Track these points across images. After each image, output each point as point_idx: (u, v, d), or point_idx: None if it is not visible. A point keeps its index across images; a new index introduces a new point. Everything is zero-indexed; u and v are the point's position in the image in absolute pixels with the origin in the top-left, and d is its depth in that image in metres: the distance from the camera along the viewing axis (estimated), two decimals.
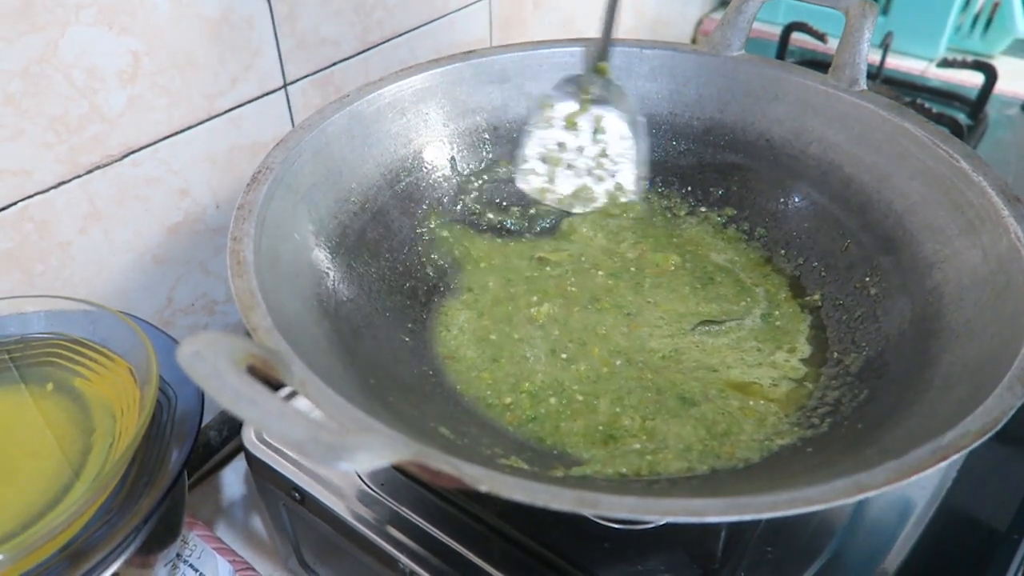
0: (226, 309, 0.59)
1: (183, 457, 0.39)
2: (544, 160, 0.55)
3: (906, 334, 0.41)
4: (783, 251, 0.52)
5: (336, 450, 0.22)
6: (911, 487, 0.47)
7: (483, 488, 0.25)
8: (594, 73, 0.54)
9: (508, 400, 0.43)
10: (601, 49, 0.54)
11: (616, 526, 0.42)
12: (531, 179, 0.55)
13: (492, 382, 0.44)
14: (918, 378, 0.36)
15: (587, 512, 0.25)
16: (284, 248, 0.40)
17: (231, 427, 0.60)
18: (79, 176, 0.46)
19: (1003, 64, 0.97)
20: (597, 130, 0.54)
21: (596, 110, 0.54)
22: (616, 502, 0.25)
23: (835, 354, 0.44)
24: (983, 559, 0.45)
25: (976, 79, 0.88)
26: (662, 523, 0.42)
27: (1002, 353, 0.32)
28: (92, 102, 0.45)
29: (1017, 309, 0.35)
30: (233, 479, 0.60)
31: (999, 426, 0.28)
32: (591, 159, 0.54)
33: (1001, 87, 0.87)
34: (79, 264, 0.48)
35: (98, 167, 0.46)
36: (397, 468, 0.26)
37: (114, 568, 0.36)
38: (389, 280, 0.48)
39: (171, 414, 0.41)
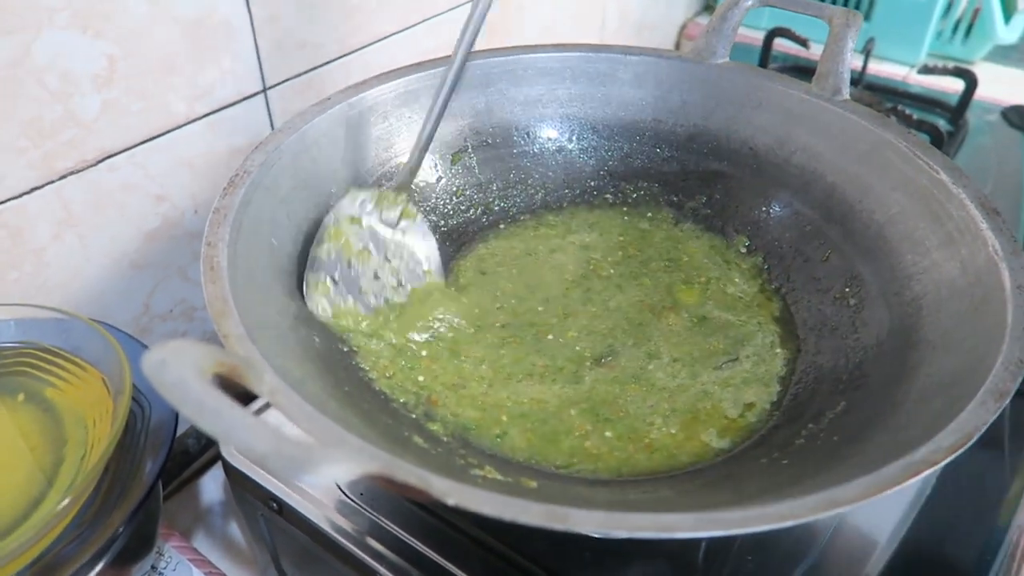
0: (205, 316, 0.58)
1: (157, 467, 0.39)
2: (333, 280, 0.44)
3: (884, 345, 0.41)
4: (765, 262, 0.52)
5: (300, 463, 0.22)
6: (891, 495, 0.47)
7: (451, 501, 0.25)
8: (394, 196, 0.48)
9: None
10: (406, 176, 0.48)
11: (596, 535, 0.42)
12: (322, 303, 0.43)
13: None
14: (895, 390, 0.36)
15: (556, 527, 0.25)
16: (260, 253, 0.40)
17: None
18: (53, 182, 0.45)
19: (983, 70, 0.98)
20: (388, 256, 0.47)
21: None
22: (585, 517, 0.25)
23: (811, 364, 0.44)
24: (963, 566, 0.45)
25: (956, 85, 0.89)
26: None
27: (977, 367, 0.32)
28: (66, 106, 0.44)
29: (993, 323, 0.35)
30: (212, 487, 0.60)
31: (972, 442, 0.28)
32: (386, 285, 0.47)
33: (981, 93, 0.88)
34: (54, 271, 0.47)
35: (73, 172, 0.46)
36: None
37: None
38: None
39: (145, 423, 0.40)
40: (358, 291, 0.45)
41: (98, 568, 0.36)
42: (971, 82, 0.86)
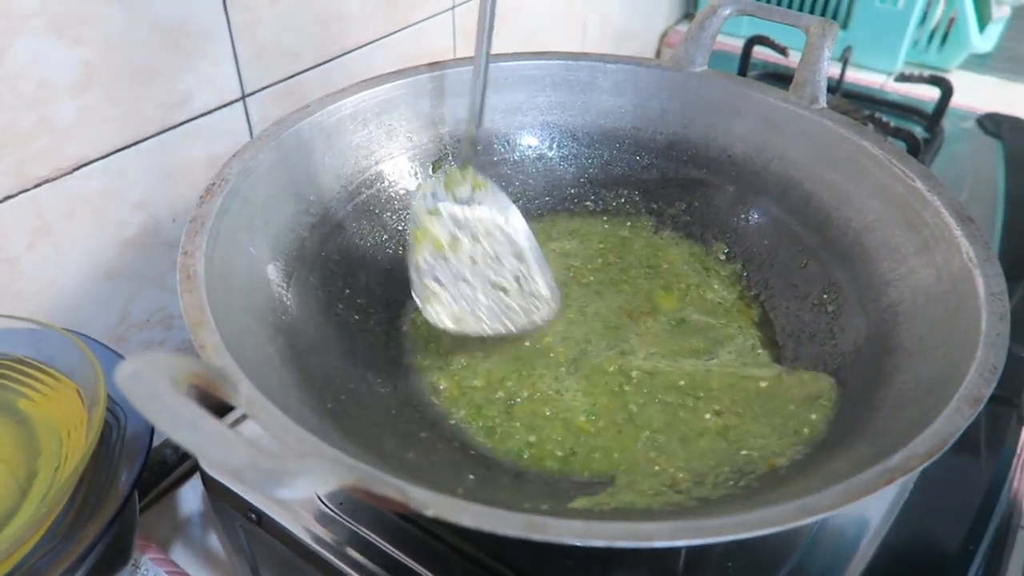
0: (183, 324, 0.57)
1: (133, 478, 0.38)
2: (438, 281, 0.45)
3: (861, 352, 0.41)
4: (744, 269, 0.53)
5: (277, 476, 0.22)
6: (870, 500, 0.47)
7: (430, 512, 0.25)
8: (459, 173, 0.49)
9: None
10: (467, 149, 0.50)
11: (578, 543, 0.42)
12: (438, 309, 0.44)
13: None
14: (872, 396, 0.37)
15: (535, 537, 0.25)
16: (238, 262, 0.39)
17: None
18: (27, 190, 0.44)
19: (958, 78, 0.99)
20: (477, 235, 0.47)
21: (469, 211, 0.48)
22: (565, 527, 0.25)
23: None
24: (941, 568, 0.45)
25: (933, 93, 0.90)
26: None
27: (952, 373, 0.33)
28: (41, 113, 0.44)
29: (967, 329, 0.35)
30: (190, 497, 0.59)
31: (946, 447, 0.29)
32: (488, 267, 0.47)
33: (957, 101, 0.89)
34: (28, 280, 0.46)
35: (48, 180, 0.45)
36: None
37: None
38: (349, 294, 0.47)
39: (121, 434, 0.40)
40: (466, 284, 0.45)
41: None
42: (947, 90, 0.88)
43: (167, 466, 0.58)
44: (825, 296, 0.46)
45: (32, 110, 0.43)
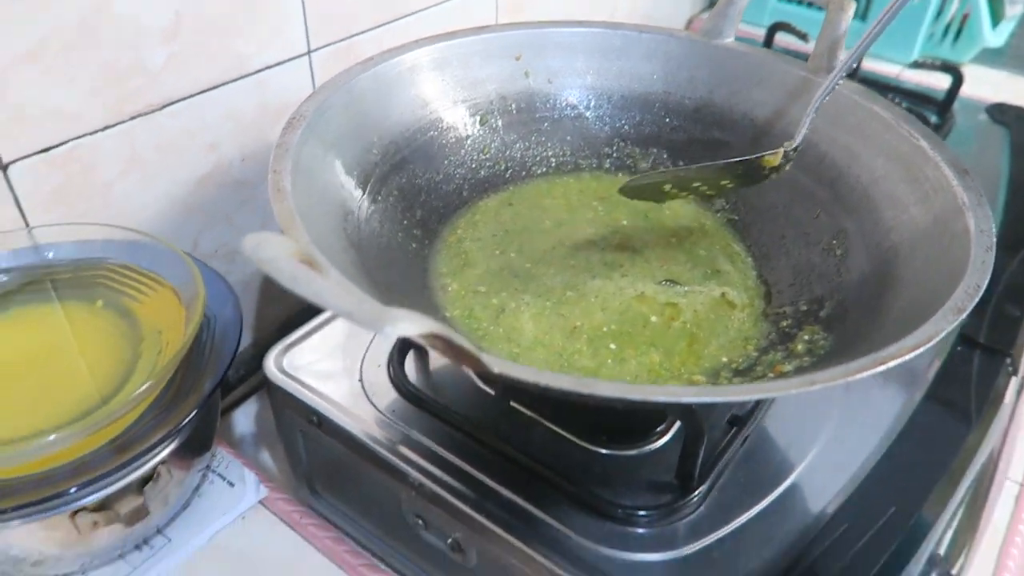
0: (243, 260, 0.63)
1: (220, 373, 0.44)
2: None
3: (865, 285, 0.46)
4: (758, 219, 0.57)
5: (381, 317, 0.27)
6: (862, 443, 0.51)
7: (496, 369, 0.30)
8: None
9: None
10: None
11: (604, 451, 0.47)
12: None
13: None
14: (872, 321, 0.42)
15: (584, 391, 0.30)
16: (315, 187, 0.44)
17: (248, 368, 0.64)
18: (123, 122, 0.50)
19: (971, 71, 1.03)
20: None
21: None
22: (607, 386, 0.30)
23: (803, 304, 0.49)
24: (919, 506, 0.48)
25: (945, 83, 0.94)
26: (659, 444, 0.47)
27: (943, 293, 0.38)
28: (138, 55, 0.49)
29: (958, 259, 0.40)
30: (243, 421, 0.64)
31: (932, 343, 0.33)
32: None
33: (969, 92, 0.93)
34: (118, 204, 0.52)
35: (140, 115, 0.51)
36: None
37: (155, 461, 0.41)
38: (407, 224, 0.52)
39: (211, 334, 0.45)
40: None
41: (166, 452, 0.41)
42: (958, 77, 0.92)
43: (227, 387, 0.63)
44: (834, 242, 0.51)
45: (132, 51, 0.49)
